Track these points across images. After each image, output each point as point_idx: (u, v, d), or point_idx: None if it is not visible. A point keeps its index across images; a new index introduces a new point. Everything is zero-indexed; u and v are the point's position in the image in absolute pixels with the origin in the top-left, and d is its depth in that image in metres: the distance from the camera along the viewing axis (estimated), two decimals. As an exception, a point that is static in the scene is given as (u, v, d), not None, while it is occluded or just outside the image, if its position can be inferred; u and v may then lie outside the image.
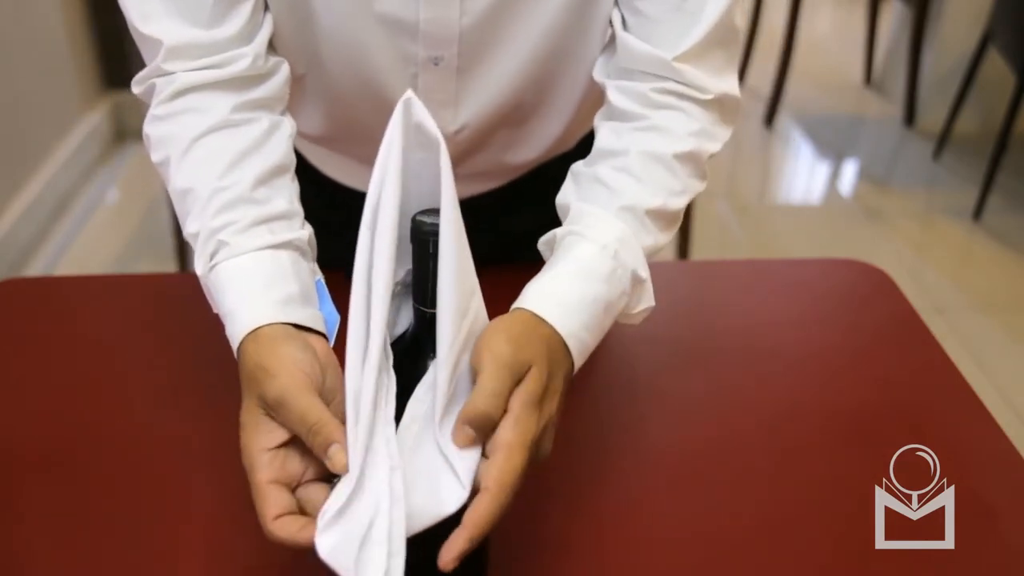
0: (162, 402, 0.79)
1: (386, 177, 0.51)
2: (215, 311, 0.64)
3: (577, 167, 0.71)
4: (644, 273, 0.65)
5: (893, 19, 3.54)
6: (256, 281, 0.61)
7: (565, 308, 0.59)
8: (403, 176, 0.52)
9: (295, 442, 0.55)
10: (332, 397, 0.56)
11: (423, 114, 0.53)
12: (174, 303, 0.92)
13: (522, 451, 0.53)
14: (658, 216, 0.67)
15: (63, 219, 2.54)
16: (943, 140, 3.05)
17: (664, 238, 0.69)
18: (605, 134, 0.72)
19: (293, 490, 0.55)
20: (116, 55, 2.84)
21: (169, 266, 2.31)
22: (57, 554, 0.66)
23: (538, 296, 0.60)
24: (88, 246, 2.46)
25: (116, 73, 2.88)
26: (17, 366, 0.84)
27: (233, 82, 0.69)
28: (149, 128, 0.69)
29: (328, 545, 0.48)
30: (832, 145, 3.28)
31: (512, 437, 0.53)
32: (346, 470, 0.51)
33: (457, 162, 0.87)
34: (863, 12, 3.58)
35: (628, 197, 0.66)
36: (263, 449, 0.54)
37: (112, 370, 0.83)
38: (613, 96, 0.72)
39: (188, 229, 0.65)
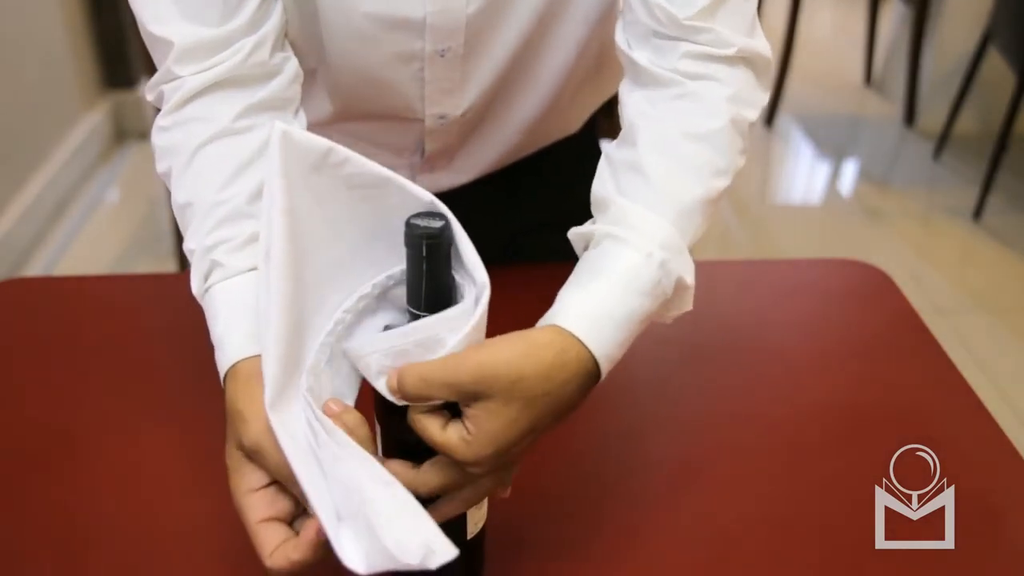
0: (162, 401, 0.79)
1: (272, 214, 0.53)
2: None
3: (611, 151, 0.67)
4: (690, 280, 0.61)
5: (893, 19, 3.54)
6: (240, 309, 0.59)
7: (603, 329, 0.56)
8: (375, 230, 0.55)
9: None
10: None
11: (472, 254, 0.53)
12: (174, 303, 0.91)
13: (449, 469, 0.54)
14: (705, 205, 0.63)
15: (63, 219, 2.54)
16: (943, 140, 3.04)
17: (706, 226, 0.65)
18: (638, 102, 0.68)
19: (290, 524, 0.55)
20: (116, 55, 2.84)
21: (169, 266, 2.31)
22: (57, 554, 0.66)
23: (577, 314, 0.56)
24: (88, 246, 2.46)
25: (116, 73, 2.88)
26: (17, 366, 0.84)
27: (237, 80, 0.67)
28: (155, 138, 0.68)
29: (358, 556, 0.48)
30: (832, 145, 3.28)
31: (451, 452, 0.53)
32: (313, 536, 0.51)
33: (462, 141, 0.87)
34: (863, 12, 3.58)
35: (673, 191, 0.62)
36: (250, 491, 0.54)
37: (112, 370, 0.83)
38: (641, 64, 0.69)
39: (186, 245, 0.64)
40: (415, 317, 0.53)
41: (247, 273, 0.61)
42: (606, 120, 1.09)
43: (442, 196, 0.55)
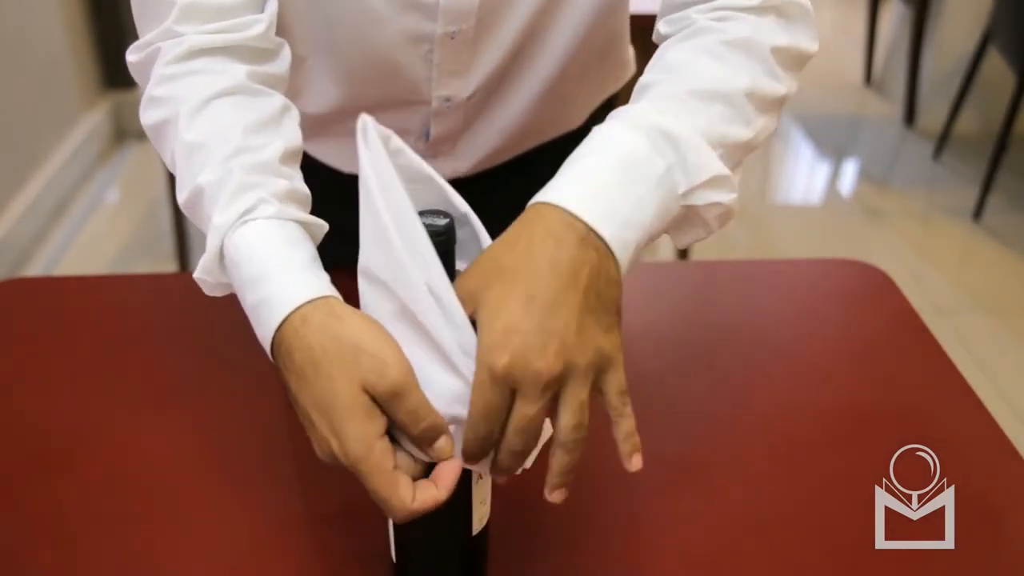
0: (162, 402, 0.79)
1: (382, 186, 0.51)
2: (206, 262, 0.58)
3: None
4: (684, 130, 0.56)
5: (893, 19, 3.54)
6: (307, 252, 0.56)
7: (556, 182, 0.55)
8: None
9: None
10: None
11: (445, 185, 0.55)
12: (174, 303, 0.92)
13: (478, 390, 0.50)
14: (709, 97, 0.59)
15: (63, 219, 2.54)
16: (943, 140, 3.05)
17: (735, 128, 0.60)
18: (655, 54, 0.67)
19: None
20: (116, 55, 2.84)
21: (169, 266, 2.31)
22: (56, 554, 0.66)
23: (549, 187, 0.55)
24: (88, 246, 2.47)
25: (116, 73, 2.88)
26: (17, 366, 0.84)
27: (246, 51, 0.67)
28: (155, 89, 0.65)
29: None
30: (832, 145, 3.28)
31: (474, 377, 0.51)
32: (448, 457, 0.51)
33: (466, 125, 0.87)
34: (863, 12, 3.59)
35: (662, 87, 0.60)
36: (380, 436, 0.51)
37: (112, 370, 0.83)
38: (662, 28, 0.69)
39: (202, 179, 0.59)
40: None
41: (293, 222, 0.58)
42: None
43: None
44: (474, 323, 0.51)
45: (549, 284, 0.51)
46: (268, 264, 0.55)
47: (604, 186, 0.54)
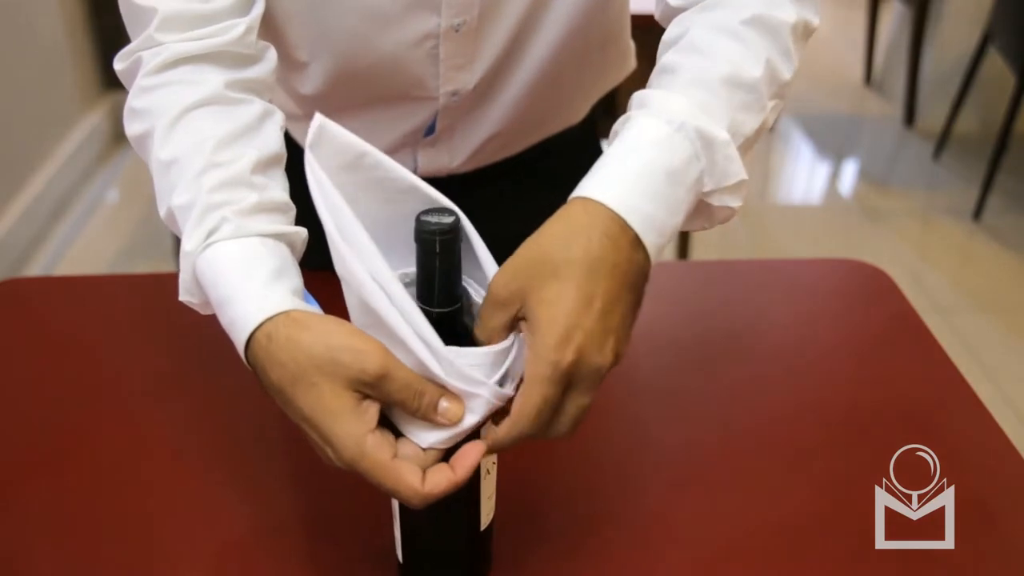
0: (161, 402, 0.79)
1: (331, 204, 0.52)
2: (185, 285, 0.59)
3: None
4: (721, 133, 0.57)
5: (893, 19, 3.54)
6: (266, 267, 0.56)
7: (606, 180, 0.55)
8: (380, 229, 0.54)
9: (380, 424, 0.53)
10: None
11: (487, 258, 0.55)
12: (174, 303, 0.91)
13: (538, 385, 0.51)
14: (733, 85, 0.60)
15: (63, 219, 2.54)
16: (943, 140, 3.05)
17: (751, 117, 0.60)
18: (668, 29, 0.67)
19: None
20: (116, 55, 2.84)
21: (169, 266, 2.31)
22: (56, 553, 0.66)
23: (580, 186, 0.56)
24: (88, 246, 2.47)
25: (116, 73, 2.88)
26: (17, 366, 0.84)
27: (225, 56, 0.66)
28: (135, 100, 0.65)
29: None
30: (832, 145, 3.29)
31: (528, 370, 0.52)
32: (460, 419, 0.52)
33: (468, 113, 0.87)
34: (863, 12, 3.58)
35: (691, 71, 0.60)
36: (370, 431, 0.51)
37: (111, 370, 0.83)
38: (672, 0, 0.68)
39: (175, 201, 0.59)
40: (428, 313, 0.53)
41: (261, 237, 0.58)
42: (607, 120, 1.09)
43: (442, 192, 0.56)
44: (513, 319, 0.53)
45: (610, 287, 0.53)
46: (228, 286, 0.56)
47: (651, 195, 0.55)
